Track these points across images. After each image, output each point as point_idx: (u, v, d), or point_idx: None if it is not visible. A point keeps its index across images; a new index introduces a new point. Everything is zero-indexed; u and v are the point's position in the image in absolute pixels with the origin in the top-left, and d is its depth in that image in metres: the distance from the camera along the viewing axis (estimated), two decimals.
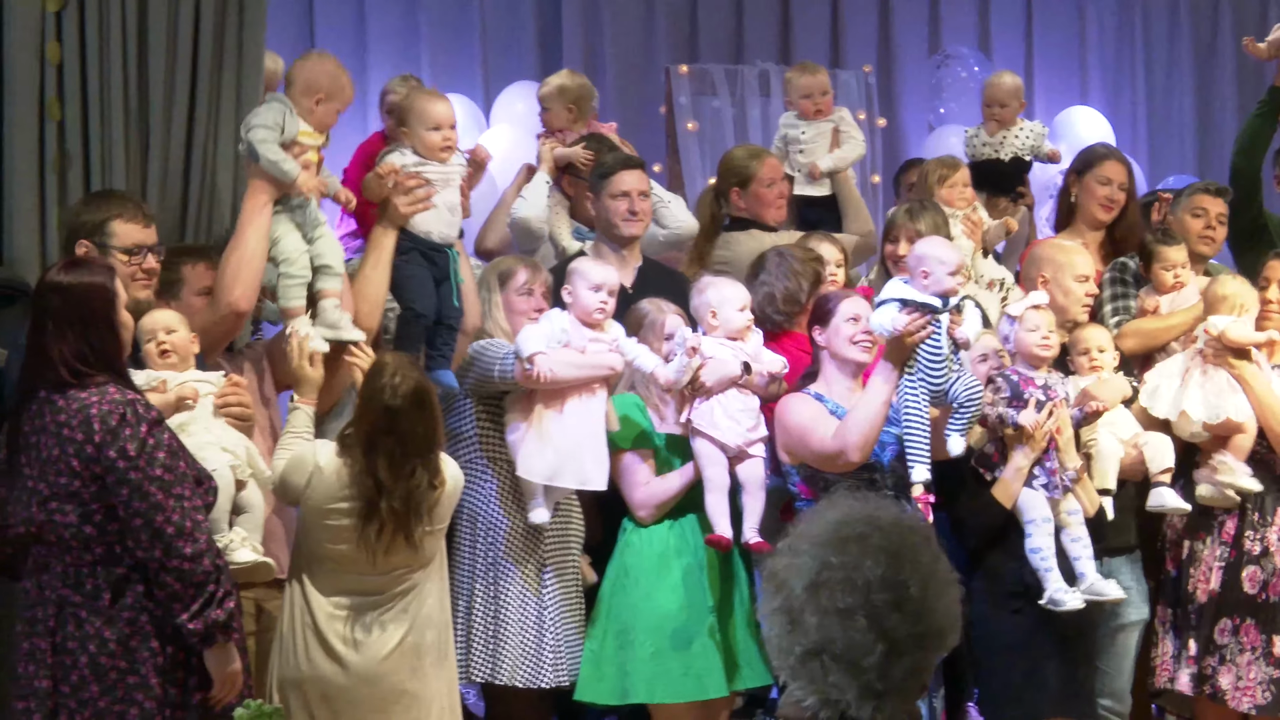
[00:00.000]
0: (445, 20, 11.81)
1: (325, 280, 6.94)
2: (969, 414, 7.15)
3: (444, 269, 7.29)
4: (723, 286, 7.47)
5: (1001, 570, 7.34)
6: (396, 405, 6.50)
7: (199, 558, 5.74)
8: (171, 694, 5.85)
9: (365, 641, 6.64)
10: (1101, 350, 7.80)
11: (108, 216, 6.53)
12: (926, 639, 3.54)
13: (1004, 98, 9.67)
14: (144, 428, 5.74)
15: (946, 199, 8.86)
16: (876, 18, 12.85)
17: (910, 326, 6.92)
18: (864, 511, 3.61)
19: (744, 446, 7.24)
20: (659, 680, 7.21)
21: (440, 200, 7.22)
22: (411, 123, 7.27)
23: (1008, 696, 7.34)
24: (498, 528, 7.39)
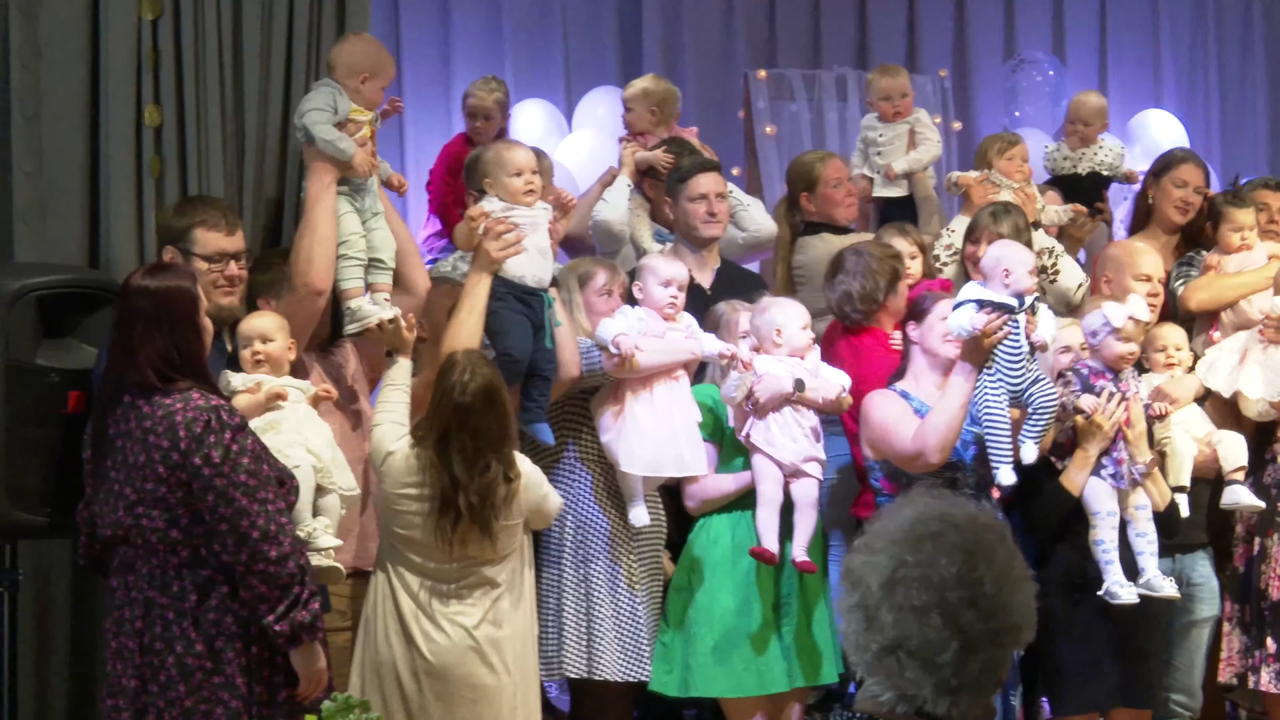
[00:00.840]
0: (528, 26, 11.81)
1: (376, 274, 7.01)
2: (1043, 421, 7.14)
3: (539, 313, 7.24)
4: (785, 306, 7.52)
5: (1068, 562, 7.36)
6: (467, 402, 6.61)
7: (284, 560, 5.78)
8: (257, 692, 5.89)
9: (441, 631, 6.72)
10: (1178, 349, 7.83)
11: (191, 224, 6.61)
12: (1001, 635, 3.53)
13: (1089, 117, 9.67)
14: (228, 434, 5.77)
15: (1004, 170, 8.94)
16: (952, 22, 12.79)
17: (988, 326, 6.94)
18: (939, 509, 3.61)
19: (799, 465, 7.28)
20: (720, 674, 7.25)
21: (530, 244, 7.17)
22: (493, 172, 7.23)
23: (1070, 686, 7.37)
24: (590, 524, 7.44)
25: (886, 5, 12.55)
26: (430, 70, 11.53)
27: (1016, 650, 3.63)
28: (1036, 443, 7.14)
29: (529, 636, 6.92)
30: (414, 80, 11.05)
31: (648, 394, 7.29)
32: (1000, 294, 7.03)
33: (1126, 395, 7.34)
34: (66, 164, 6.98)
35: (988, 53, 12.68)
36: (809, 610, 7.36)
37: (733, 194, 8.71)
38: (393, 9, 11.41)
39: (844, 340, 7.82)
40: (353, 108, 6.91)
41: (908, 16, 12.64)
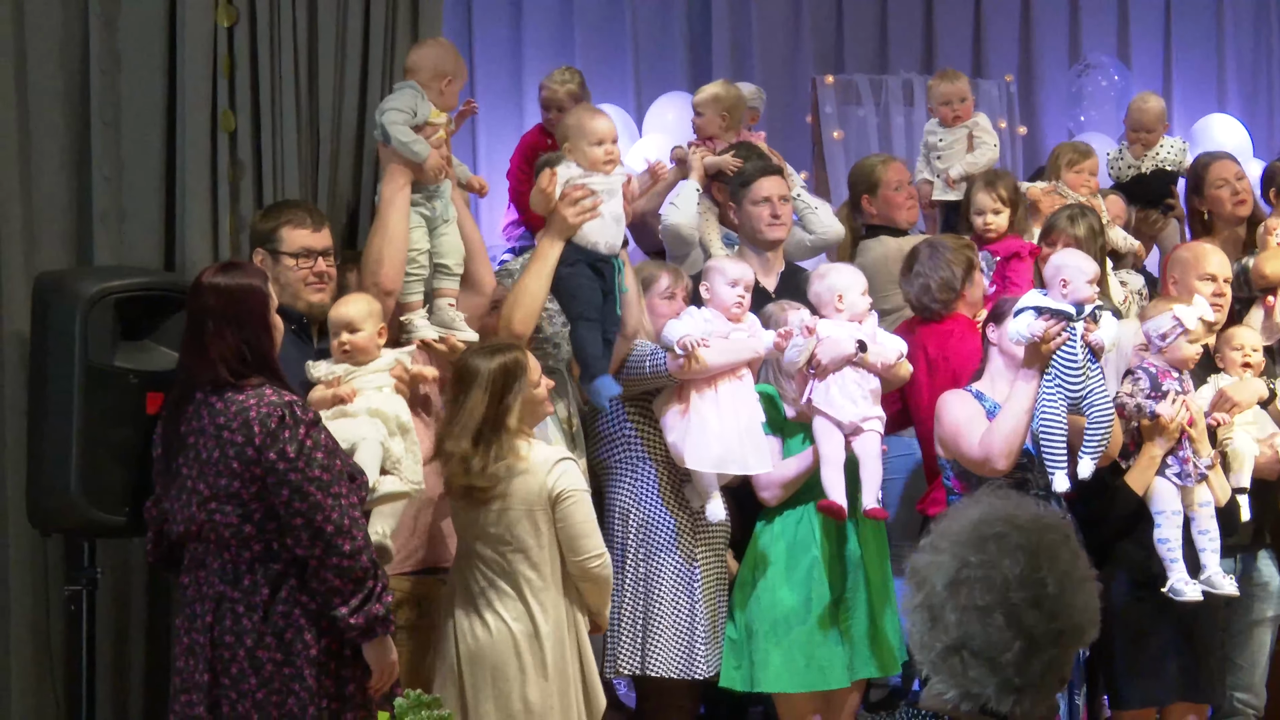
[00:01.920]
0: (599, 31, 11.86)
1: (442, 280, 7.02)
2: (1100, 434, 7.08)
3: (609, 280, 7.24)
4: (845, 272, 7.55)
5: (1130, 558, 7.35)
6: (466, 380, 6.63)
7: (358, 554, 5.78)
8: (326, 685, 5.89)
9: (482, 621, 6.68)
10: (1255, 350, 7.80)
11: (278, 224, 6.65)
12: (1064, 635, 3.52)
13: (1151, 123, 9.68)
14: (302, 429, 5.78)
15: (1071, 183, 9.01)
16: (1018, 27, 12.79)
17: (1047, 333, 6.92)
18: (1003, 511, 3.59)
19: (859, 423, 7.25)
20: (784, 670, 7.23)
21: (605, 210, 7.18)
22: (574, 138, 7.24)
23: (1130, 681, 7.38)
24: (651, 522, 7.42)
25: (953, 11, 12.55)
26: (503, 73, 11.58)
27: (1080, 649, 3.60)
28: (1094, 459, 7.08)
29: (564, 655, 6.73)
30: (486, 84, 11.11)
31: (713, 393, 7.27)
32: (1059, 302, 7.02)
33: (1187, 394, 7.32)
34: (144, 169, 7.00)
35: (1053, 57, 12.68)
36: (870, 604, 7.33)
37: (800, 197, 8.71)
38: (466, 14, 11.47)
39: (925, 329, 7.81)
40: (432, 110, 6.91)
41: (974, 22, 12.64)
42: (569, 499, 6.63)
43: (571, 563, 6.67)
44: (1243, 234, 8.98)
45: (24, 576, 6.73)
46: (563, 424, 7.39)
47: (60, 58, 6.93)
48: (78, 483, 6.35)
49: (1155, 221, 9.56)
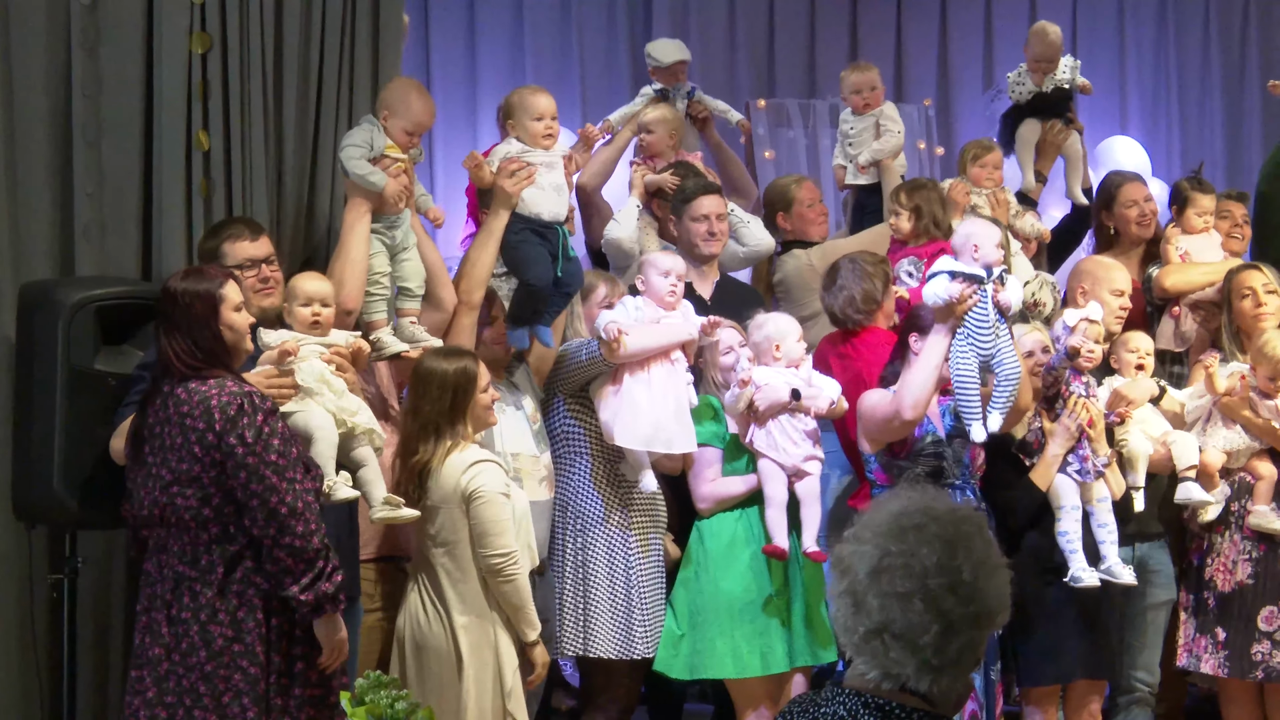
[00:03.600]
0: (549, 55, 11.88)
1: (405, 301, 7.11)
2: (1008, 390, 7.16)
3: (555, 245, 7.37)
4: (779, 320, 7.58)
5: (1037, 547, 7.43)
6: (423, 382, 6.73)
7: (310, 535, 5.78)
8: (275, 662, 5.88)
9: (424, 610, 6.77)
10: (1148, 354, 7.88)
11: (219, 242, 6.64)
12: (979, 619, 3.53)
13: (1052, 54, 9.68)
14: (260, 417, 5.79)
15: (975, 177, 9.00)
16: (936, 55, 12.83)
17: (961, 295, 7.02)
18: (922, 503, 3.61)
19: (800, 465, 7.29)
20: (727, 657, 7.24)
21: (546, 181, 7.34)
22: (517, 115, 7.42)
23: (1042, 659, 7.45)
24: (588, 511, 7.46)
25: (875, 40, 12.61)
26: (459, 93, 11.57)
27: (992, 632, 3.63)
28: (1002, 413, 7.17)
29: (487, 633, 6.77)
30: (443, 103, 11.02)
31: (645, 374, 7.33)
32: (970, 266, 7.11)
33: (1090, 397, 7.43)
34: (123, 186, 6.98)
35: (969, 83, 12.72)
36: (809, 595, 7.35)
37: (734, 213, 8.74)
38: (423, 36, 11.47)
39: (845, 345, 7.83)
40: (388, 144, 6.94)
41: (895, 50, 12.69)
42: (479, 499, 6.65)
43: (480, 558, 6.68)
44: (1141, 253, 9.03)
45: (9, 567, 6.69)
46: (530, 420, 7.41)
47: (45, 82, 6.91)
48: (60, 478, 6.38)
49: (1059, 132, 9.68)
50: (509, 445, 7.26)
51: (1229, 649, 7.73)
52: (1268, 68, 12.78)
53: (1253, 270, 8.08)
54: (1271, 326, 7.93)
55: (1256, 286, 7.98)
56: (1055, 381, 7.45)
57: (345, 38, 7.37)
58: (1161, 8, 13.12)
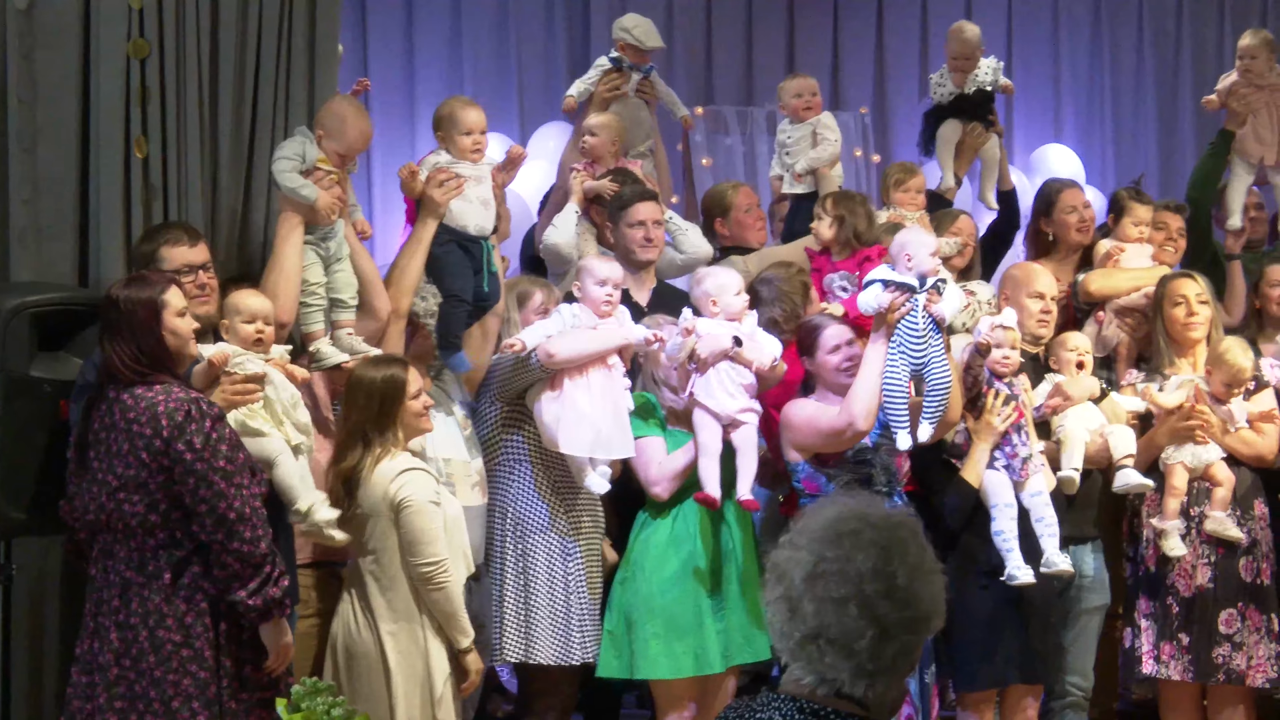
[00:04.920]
0: (487, 64, 11.87)
1: (339, 312, 7.08)
2: (939, 399, 7.19)
3: (479, 258, 7.41)
4: (719, 275, 7.54)
5: (972, 551, 7.44)
6: (352, 391, 6.73)
7: (257, 541, 5.80)
8: (225, 666, 5.90)
9: (355, 617, 6.74)
10: (1086, 352, 7.93)
11: (157, 246, 6.59)
12: (914, 624, 3.54)
13: (970, 51, 9.72)
14: (208, 423, 5.80)
15: (899, 201, 9.01)
16: (872, 64, 12.88)
17: (893, 304, 7.05)
18: (857, 509, 3.62)
19: (735, 415, 7.26)
20: (662, 658, 7.21)
21: (473, 195, 7.40)
22: (447, 128, 7.47)
23: (977, 664, 7.46)
24: (527, 518, 7.43)
25: (812, 48, 12.66)
26: (397, 101, 11.55)
27: (927, 637, 3.63)
28: (933, 424, 7.20)
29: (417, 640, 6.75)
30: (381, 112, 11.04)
31: (584, 380, 7.30)
32: (904, 275, 7.14)
33: (1017, 397, 7.46)
34: (60, 191, 6.92)
35: (904, 91, 12.76)
36: (744, 595, 7.33)
37: (672, 220, 8.73)
38: (361, 45, 11.45)
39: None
40: (319, 156, 6.91)
41: (832, 58, 12.75)
42: (408, 507, 6.63)
43: (410, 566, 6.66)
44: (1077, 260, 9.07)
45: None
46: (460, 426, 7.39)
47: None
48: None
49: (979, 134, 9.72)
50: (440, 451, 7.24)
51: (1192, 653, 7.75)
52: (1200, 77, 12.87)
53: (1186, 279, 8.12)
54: (1202, 336, 7.98)
55: (1190, 295, 8.01)
56: (975, 382, 7.46)
57: (282, 47, 7.34)
58: (1096, 18, 13.21)
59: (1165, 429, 7.84)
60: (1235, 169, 9.15)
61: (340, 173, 7.03)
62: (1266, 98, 9.06)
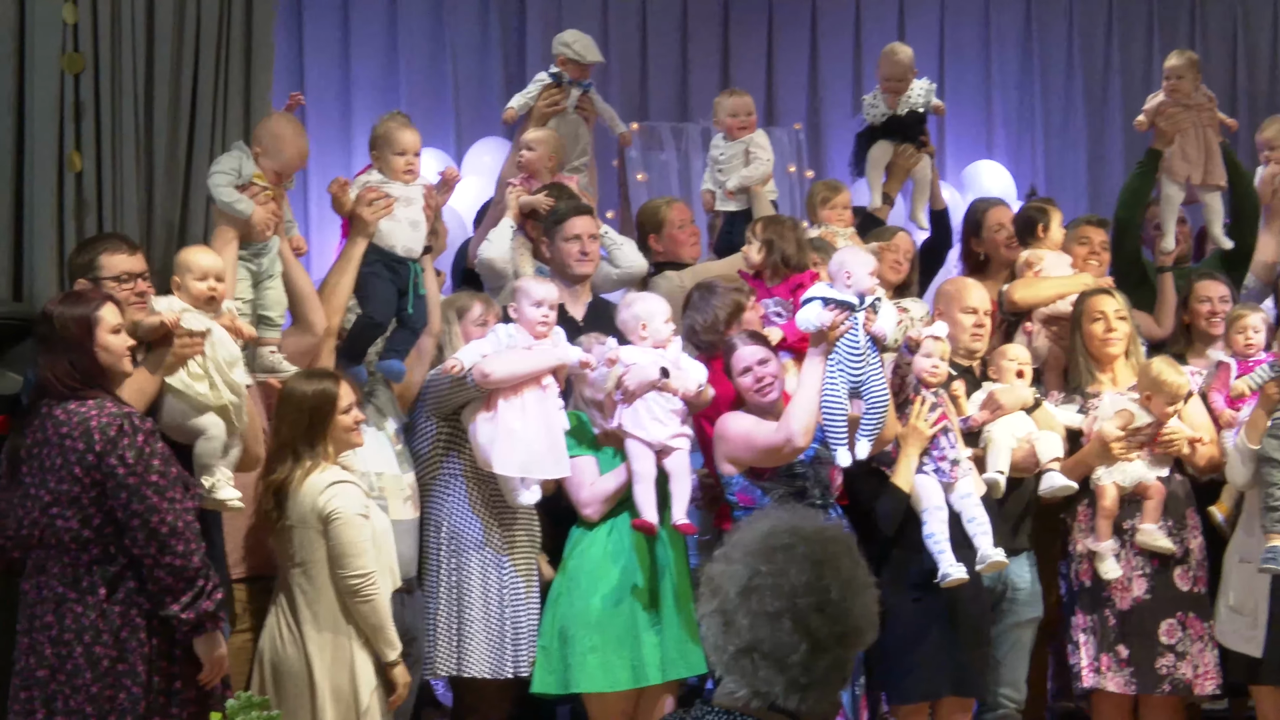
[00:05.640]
0: (422, 82, 11.85)
1: (265, 330, 7.04)
2: (876, 417, 7.24)
3: (405, 280, 7.39)
4: (648, 301, 7.58)
5: (904, 564, 7.46)
6: (283, 403, 6.74)
7: (190, 555, 5.82)
8: (156, 681, 5.91)
9: (280, 630, 6.75)
10: (1025, 362, 8.00)
11: (95, 254, 6.55)
12: (846, 637, 3.55)
13: (901, 73, 9.77)
14: (140, 437, 5.81)
15: (828, 219, 9.06)
16: (806, 80, 12.88)
17: (833, 322, 7.09)
18: (790, 523, 3.63)
19: (667, 442, 7.28)
20: (598, 671, 7.22)
21: (403, 216, 7.38)
22: (380, 148, 7.48)
23: (909, 677, 7.46)
24: (462, 532, 7.43)
25: (747, 64, 12.65)
26: (333, 115, 11.51)
27: (860, 650, 3.64)
28: (871, 440, 7.26)
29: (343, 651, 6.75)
30: (317, 126, 10.99)
31: (518, 400, 7.30)
32: (843, 293, 7.17)
33: (941, 404, 7.49)
34: None
35: (839, 107, 12.77)
36: (677, 611, 7.34)
37: (607, 235, 8.73)
38: (297, 58, 11.41)
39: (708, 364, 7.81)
40: (255, 172, 6.88)
41: (766, 75, 12.74)
42: (336, 520, 6.64)
43: (337, 578, 6.66)
44: (1006, 275, 9.14)
45: None
46: (392, 441, 7.37)
47: None
48: None
49: (910, 155, 9.77)
50: (372, 465, 7.22)
51: (1133, 665, 7.78)
52: (1129, 94, 12.94)
53: (1105, 295, 8.18)
54: (1120, 352, 8.04)
55: (1108, 311, 8.07)
56: (903, 385, 7.50)
57: (220, 62, 7.32)
58: (1026, 35, 13.26)
59: (1096, 449, 7.88)
60: (1166, 189, 9.20)
61: (276, 189, 7.00)
62: (1193, 117, 9.12)
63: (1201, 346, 8.65)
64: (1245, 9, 13.50)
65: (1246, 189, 9.35)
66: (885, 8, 13.00)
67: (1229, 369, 8.12)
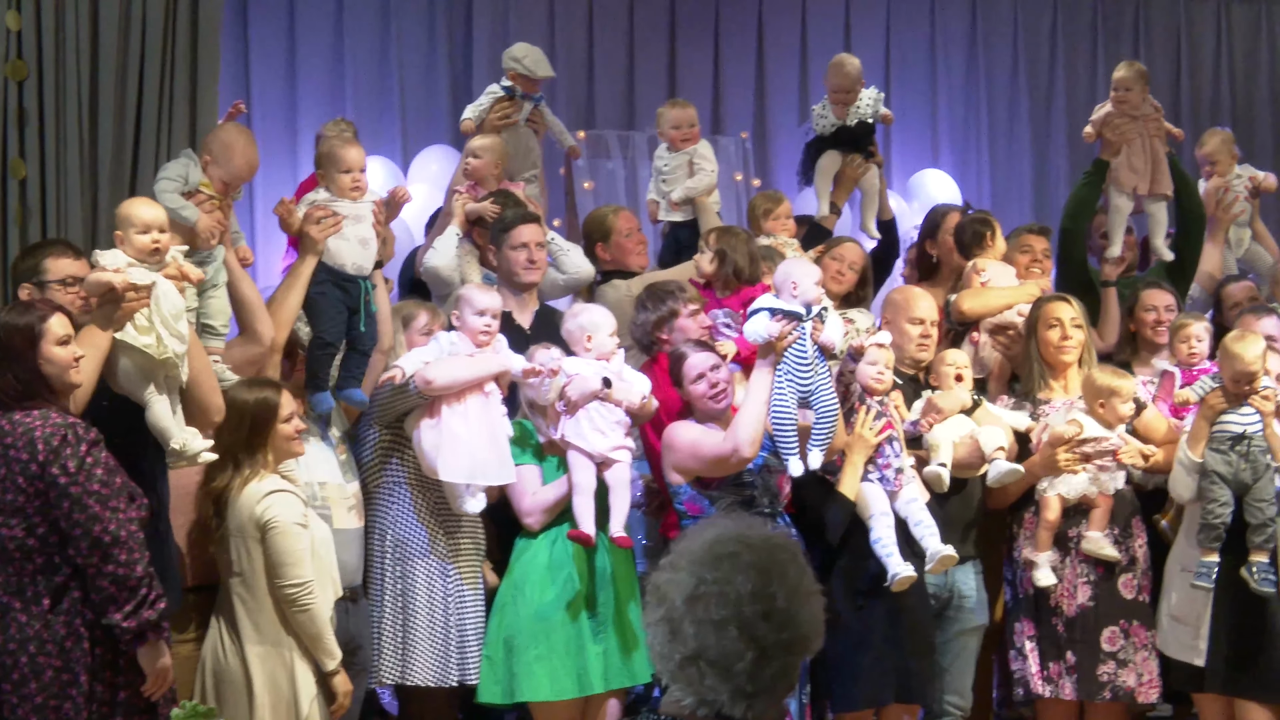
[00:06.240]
0: (369, 90, 11.82)
1: (209, 339, 6.98)
2: (827, 427, 7.25)
3: (356, 298, 7.36)
4: (593, 312, 7.59)
5: (850, 571, 7.46)
6: (227, 410, 6.62)
7: (133, 564, 5.78)
8: (99, 691, 5.87)
9: (222, 639, 6.73)
10: (965, 367, 8.02)
11: (40, 259, 6.51)
12: (793, 645, 3.56)
13: (850, 84, 9.78)
14: (84, 447, 5.78)
15: (772, 230, 9.07)
16: (753, 89, 12.91)
17: (781, 332, 7.09)
18: (736, 531, 3.63)
19: (608, 454, 7.28)
20: (544, 680, 7.20)
21: (352, 234, 7.35)
22: (326, 166, 7.44)
23: (855, 684, 7.47)
24: (407, 540, 7.41)
25: (694, 73, 12.67)
26: (279, 124, 11.48)
27: (806, 657, 3.64)
28: (822, 450, 7.27)
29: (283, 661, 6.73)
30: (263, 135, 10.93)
31: (461, 406, 7.29)
32: (790, 303, 7.18)
33: (885, 413, 7.51)
34: None
35: (785, 116, 12.80)
36: (623, 616, 7.34)
37: (554, 241, 8.72)
38: (243, 67, 11.38)
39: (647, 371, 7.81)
40: (203, 180, 6.86)
41: (713, 83, 12.77)
42: (274, 529, 6.62)
43: (275, 587, 6.64)
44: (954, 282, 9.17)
45: None
46: (336, 451, 7.35)
47: None
48: None
49: (858, 165, 9.81)
50: (316, 475, 7.20)
51: (1078, 672, 7.80)
52: (1073, 103, 13.04)
53: (1062, 303, 8.18)
54: (1074, 360, 8.05)
55: (1064, 319, 8.08)
56: (848, 393, 7.51)
57: (166, 70, 7.31)
58: (972, 45, 13.32)
59: (1043, 459, 7.90)
60: (1114, 199, 9.24)
61: (223, 199, 6.97)
62: (1140, 128, 9.15)
63: (1147, 355, 8.69)
64: (1189, 20, 13.60)
65: (1193, 199, 9.40)
66: (831, 17, 13.04)
67: (1173, 378, 8.16)
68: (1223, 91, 13.59)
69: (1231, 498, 7.57)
